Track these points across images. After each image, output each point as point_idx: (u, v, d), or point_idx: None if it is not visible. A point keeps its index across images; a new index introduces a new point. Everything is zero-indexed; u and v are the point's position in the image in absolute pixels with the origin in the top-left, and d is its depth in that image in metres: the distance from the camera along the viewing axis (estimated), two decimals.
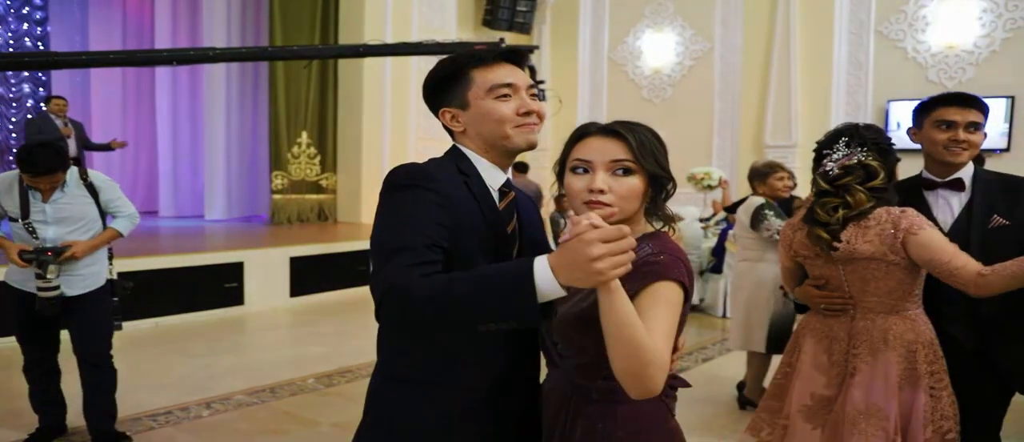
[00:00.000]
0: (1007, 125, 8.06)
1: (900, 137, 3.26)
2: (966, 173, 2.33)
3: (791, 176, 4.28)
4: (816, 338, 2.30)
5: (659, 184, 1.39)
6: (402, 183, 1.38)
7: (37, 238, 3.26)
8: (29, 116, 10.27)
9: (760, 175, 4.28)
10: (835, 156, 2.20)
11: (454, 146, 1.54)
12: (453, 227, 1.32)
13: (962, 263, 2.00)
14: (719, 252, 6.69)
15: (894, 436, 2.05)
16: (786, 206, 4.35)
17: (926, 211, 2.29)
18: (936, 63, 8.57)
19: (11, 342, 5.13)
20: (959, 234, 2.24)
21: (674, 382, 1.49)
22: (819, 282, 2.30)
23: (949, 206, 2.33)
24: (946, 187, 2.33)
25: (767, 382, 2.79)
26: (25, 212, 3.24)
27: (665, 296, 1.28)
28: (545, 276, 1.12)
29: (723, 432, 3.83)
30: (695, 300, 6.76)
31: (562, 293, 1.14)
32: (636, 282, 1.27)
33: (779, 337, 3.98)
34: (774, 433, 2.35)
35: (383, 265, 1.26)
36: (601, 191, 1.34)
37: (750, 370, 4.25)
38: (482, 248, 1.40)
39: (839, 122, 2.56)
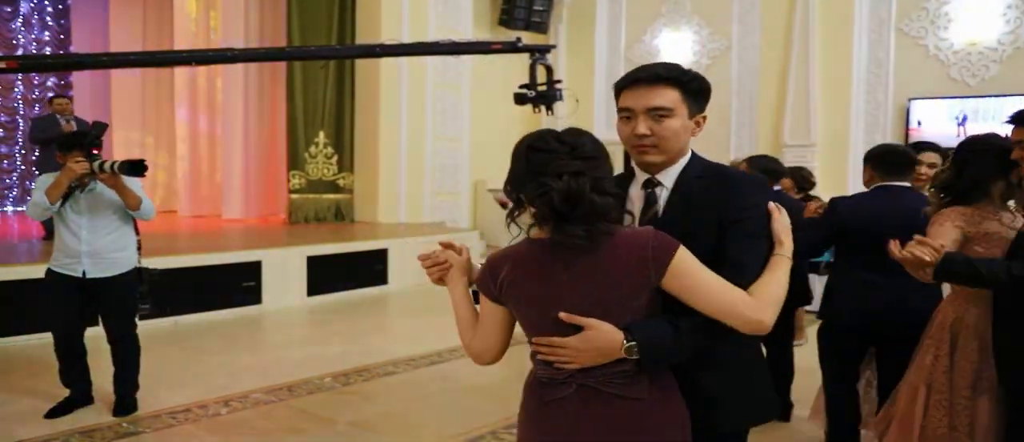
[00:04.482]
0: None
1: (918, 135, 3.31)
2: None
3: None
4: None
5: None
6: None
7: (73, 225, 3.79)
8: (33, 118, 10.38)
9: None
10: None
11: None
12: None
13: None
14: None
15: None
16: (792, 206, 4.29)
17: None
18: (958, 61, 8.45)
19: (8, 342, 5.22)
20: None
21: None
22: None
23: None
24: None
25: None
26: (64, 199, 3.77)
27: None
28: None
29: None
30: None
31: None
32: None
33: None
34: None
35: None
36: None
37: None
38: None
39: (859, 121, 2.80)
